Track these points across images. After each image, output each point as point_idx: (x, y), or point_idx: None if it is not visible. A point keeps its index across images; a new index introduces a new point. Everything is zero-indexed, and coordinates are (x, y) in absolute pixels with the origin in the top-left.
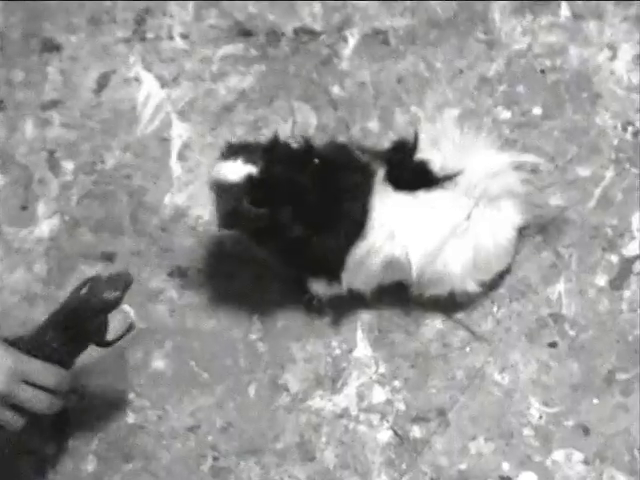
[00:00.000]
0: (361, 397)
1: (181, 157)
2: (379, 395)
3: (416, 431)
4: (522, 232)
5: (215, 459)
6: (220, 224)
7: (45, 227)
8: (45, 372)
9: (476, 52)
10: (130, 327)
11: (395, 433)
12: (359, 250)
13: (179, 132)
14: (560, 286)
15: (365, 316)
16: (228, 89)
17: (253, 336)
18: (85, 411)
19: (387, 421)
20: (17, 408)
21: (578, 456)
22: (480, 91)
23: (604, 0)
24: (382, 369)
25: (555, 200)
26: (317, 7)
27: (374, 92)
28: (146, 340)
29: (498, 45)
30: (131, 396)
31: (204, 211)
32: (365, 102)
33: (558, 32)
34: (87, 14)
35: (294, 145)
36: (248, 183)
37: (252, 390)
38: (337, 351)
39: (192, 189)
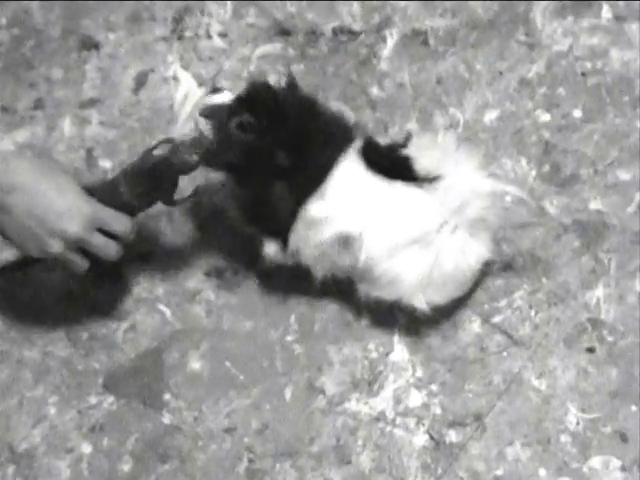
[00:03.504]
0: (398, 401)
1: None
2: (416, 399)
3: (452, 436)
4: (486, 268)
5: (251, 461)
6: (207, 153)
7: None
8: (117, 220)
9: (517, 54)
10: (196, 191)
11: (431, 437)
12: (312, 211)
13: None
14: (599, 291)
15: (402, 319)
16: None
17: (290, 338)
18: (121, 411)
19: (423, 425)
20: (85, 252)
21: (616, 463)
22: (520, 93)
23: None
24: (419, 373)
25: (595, 205)
26: (356, 7)
27: (413, 93)
28: (183, 341)
29: (539, 47)
30: (167, 397)
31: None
32: (404, 103)
33: (600, 34)
34: (126, 12)
35: (283, 82)
36: (236, 106)
37: (288, 392)
38: (374, 354)
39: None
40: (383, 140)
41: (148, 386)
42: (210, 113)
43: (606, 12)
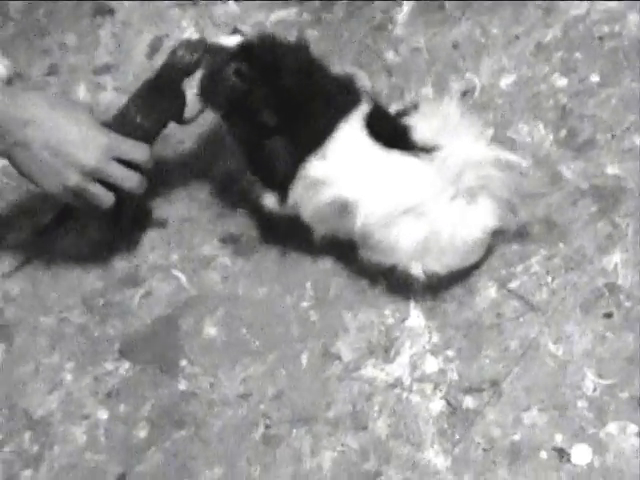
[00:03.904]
0: (414, 367)
1: None
2: (432, 365)
3: (469, 401)
4: (493, 237)
5: (267, 427)
6: (201, 87)
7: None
8: (134, 148)
9: (533, 18)
10: (203, 108)
11: (448, 403)
12: (311, 170)
13: None
14: (616, 256)
15: (417, 284)
16: None
17: (305, 304)
18: (137, 378)
19: (440, 391)
20: (108, 186)
21: (633, 428)
22: (537, 58)
23: None
24: (435, 339)
25: (612, 169)
26: None
27: (429, 58)
28: (198, 307)
29: (555, 11)
30: (183, 363)
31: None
32: (419, 68)
33: None
34: None
35: (299, 43)
36: (237, 52)
37: (304, 359)
38: (390, 320)
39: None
40: (395, 106)
41: (164, 352)
42: (213, 52)
43: None
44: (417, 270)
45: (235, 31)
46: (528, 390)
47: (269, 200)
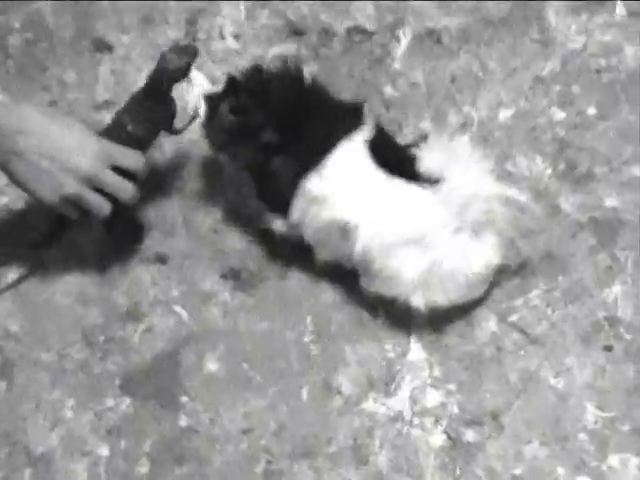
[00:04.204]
0: (415, 400)
1: None
2: (433, 398)
3: (470, 435)
4: (497, 273)
5: (268, 462)
6: (205, 133)
7: (98, 229)
8: (127, 155)
9: (531, 51)
10: (194, 116)
11: (449, 437)
12: (311, 186)
13: None
14: (616, 289)
15: (419, 318)
16: None
17: (306, 338)
18: (138, 414)
19: (441, 424)
20: (103, 194)
21: (634, 461)
22: (534, 91)
23: None
24: (436, 372)
25: (611, 202)
26: (370, 7)
27: (427, 92)
28: (199, 342)
29: (553, 44)
30: (184, 399)
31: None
32: (418, 102)
33: (613, 31)
34: (139, 14)
35: (286, 67)
36: (225, 91)
37: (305, 393)
38: (391, 354)
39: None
40: (401, 139)
41: (165, 388)
42: (205, 101)
43: (620, 9)
44: (418, 302)
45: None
46: (529, 423)
47: (277, 223)
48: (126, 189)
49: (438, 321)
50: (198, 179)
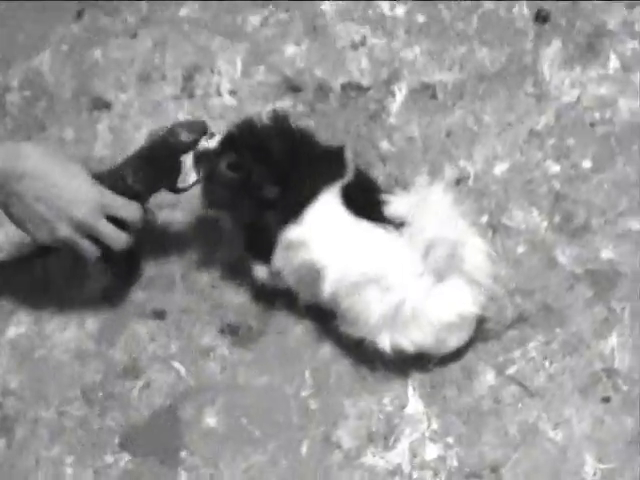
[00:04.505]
0: (414, 454)
1: None
2: (432, 452)
3: None
4: (477, 323)
5: None
6: (203, 195)
7: (97, 284)
8: (125, 206)
9: (525, 105)
10: (198, 180)
11: None
12: (289, 233)
13: None
14: (613, 340)
15: (416, 371)
16: None
17: (305, 392)
18: (138, 470)
19: (440, 478)
20: (96, 241)
21: None
22: (529, 144)
23: None
24: (434, 425)
25: (607, 254)
26: (365, 62)
27: (423, 146)
28: (198, 397)
29: (547, 98)
30: (183, 454)
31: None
32: (414, 157)
33: (607, 84)
34: (136, 72)
35: (277, 119)
36: (222, 148)
37: (305, 447)
38: (389, 407)
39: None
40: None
41: (164, 444)
42: (200, 158)
43: (613, 62)
44: (384, 344)
45: (211, 135)
46: (528, 476)
47: (260, 271)
48: (119, 239)
49: (435, 373)
50: (195, 236)
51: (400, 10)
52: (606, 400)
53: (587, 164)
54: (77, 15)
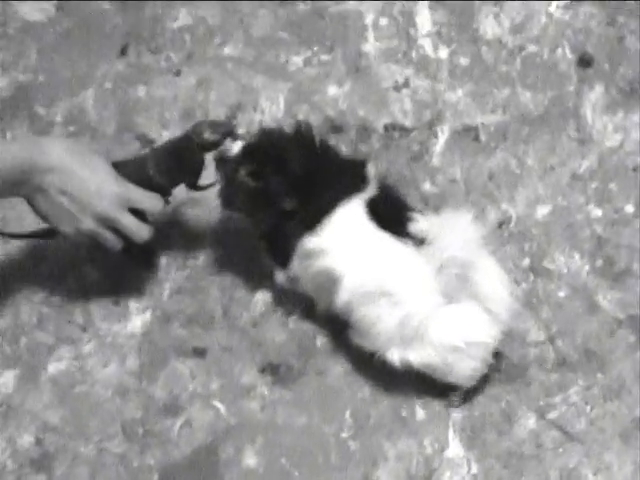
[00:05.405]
0: None
1: None
2: None
3: None
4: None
5: None
6: (220, 197)
7: (137, 322)
8: (147, 198)
9: (567, 149)
10: (214, 182)
11: None
12: (307, 242)
13: None
14: None
15: (457, 414)
16: None
17: (344, 433)
18: None
19: None
20: (117, 233)
21: None
22: (572, 188)
23: None
24: (474, 469)
25: None
26: (407, 103)
27: (465, 188)
28: (238, 436)
29: (590, 142)
30: None
31: (295, 306)
32: (456, 199)
33: None
34: (180, 109)
35: (299, 130)
36: (244, 155)
37: None
38: (429, 450)
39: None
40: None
41: None
42: (221, 162)
43: None
44: (393, 358)
45: (235, 137)
46: None
47: (279, 276)
48: (141, 231)
49: (476, 417)
50: (239, 269)
51: (443, 52)
52: None
53: (629, 209)
54: (121, 52)
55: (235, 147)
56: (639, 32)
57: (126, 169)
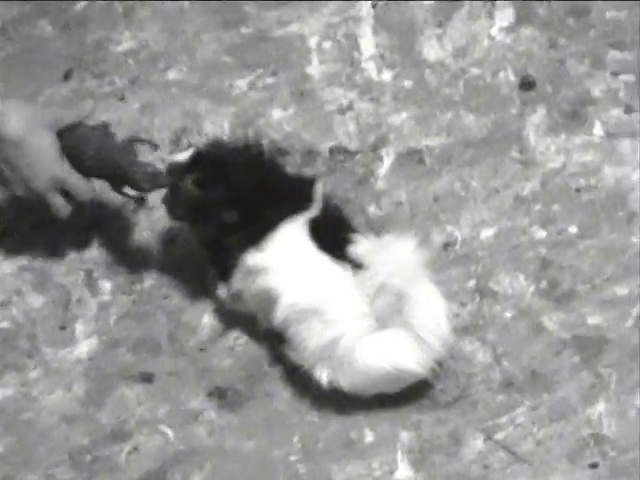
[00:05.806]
0: None
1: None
2: None
3: None
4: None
5: None
6: (165, 204)
7: (84, 347)
8: (78, 185)
9: (511, 171)
10: (135, 195)
11: None
12: (250, 261)
13: None
14: (600, 406)
15: (405, 436)
16: None
17: (293, 457)
18: None
19: None
20: (66, 195)
21: None
22: (516, 210)
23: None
24: None
25: (593, 320)
26: (352, 126)
27: (410, 211)
28: (186, 462)
29: (533, 164)
30: None
31: (242, 332)
32: (401, 221)
33: (592, 151)
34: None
35: (247, 142)
36: (193, 164)
37: None
38: (378, 472)
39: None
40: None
41: None
42: (170, 169)
43: (598, 129)
44: (321, 376)
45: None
46: None
47: (221, 291)
48: (85, 188)
49: (424, 439)
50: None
51: (387, 75)
52: (594, 466)
53: (573, 230)
54: (65, 76)
55: (185, 154)
56: (580, 55)
57: (66, 135)
